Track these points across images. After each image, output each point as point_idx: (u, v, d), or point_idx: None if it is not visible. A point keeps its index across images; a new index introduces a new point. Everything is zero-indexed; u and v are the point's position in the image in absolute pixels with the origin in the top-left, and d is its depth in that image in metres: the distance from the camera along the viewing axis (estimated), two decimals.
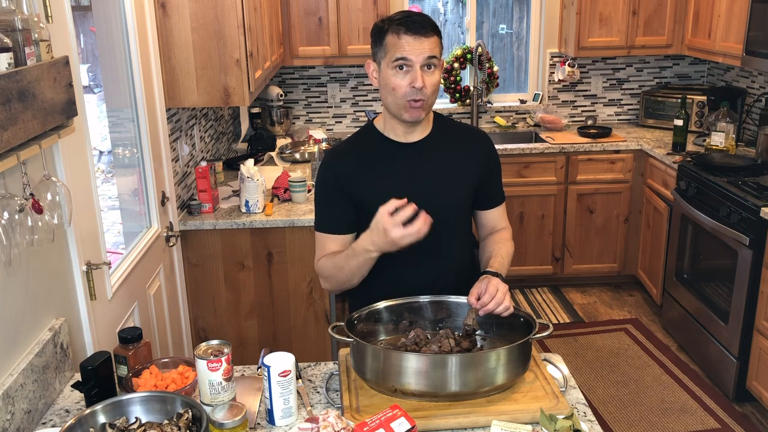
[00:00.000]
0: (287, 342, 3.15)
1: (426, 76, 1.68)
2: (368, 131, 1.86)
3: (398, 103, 1.71)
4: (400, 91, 1.69)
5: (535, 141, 4.59)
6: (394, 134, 1.82)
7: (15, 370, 1.51)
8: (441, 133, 1.86)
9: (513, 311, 1.66)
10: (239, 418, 1.37)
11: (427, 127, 1.84)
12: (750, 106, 4.18)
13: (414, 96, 1.68)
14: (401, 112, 1.72)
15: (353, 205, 1.82)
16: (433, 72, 1.70)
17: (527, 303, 4.39)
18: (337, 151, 1.87)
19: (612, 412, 3.24)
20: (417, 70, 1.66)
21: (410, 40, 1.65)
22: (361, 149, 1.85)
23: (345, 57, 4.25)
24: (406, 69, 1.67)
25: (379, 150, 1.82)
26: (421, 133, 1.82)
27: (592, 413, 1.54)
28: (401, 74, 1.68)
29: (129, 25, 2.47)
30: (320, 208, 1.87)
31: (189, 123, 3.24)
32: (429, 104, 1.72)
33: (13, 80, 1.38)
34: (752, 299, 3.09)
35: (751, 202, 3.06)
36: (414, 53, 1.65)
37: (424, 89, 1.68)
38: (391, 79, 1.69)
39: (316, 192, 1.87)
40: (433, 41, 1.68)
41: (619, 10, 4.32)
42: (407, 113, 1.72)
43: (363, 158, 1.83)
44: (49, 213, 1.59)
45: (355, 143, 1.88)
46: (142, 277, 2.49)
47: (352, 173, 1.80)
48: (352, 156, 1.84)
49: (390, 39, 1.68)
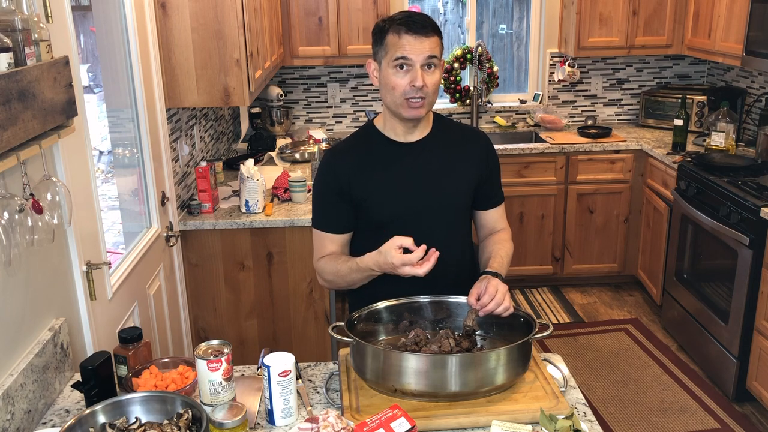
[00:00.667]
0: (287, 342, 3.15)
1: (426, 75, 1.69)
2: (368, 131, 1.87)
3: (397, 102, 1.72)
4: (399, 90, 1.70)
5: (535, 141, 4.59)
6: (394, 134, 1.82)
7: (15, 370, 1.51)
8: (440, 133, 1.86)
9: (513, 311, 1.66)
10: (239, 418, 1.37)
11: (427, 127, 1.84)
12: (750, 106, 4.18)
13: (413, 94, 1.69)
14: (400, 111, 1.73)
15: (352, 205, 1.82)
16: (434, 71, 1.70)
17: (527, 303, 4.39)
18: (337, 150, 1.87)
19: (612, 412, 3.24)
20: (417, 69, 1.67)
21: (411, 40, 1.66)
22: (361, 149, 1.85)
23: (345, 57, 4.25)
24: (407, 68, 1.68)
25: (378, 149, 1.83)
26: (420, 133, 1.83)
27: (592, 413, 1.54)
28: (401, 73, 1.69)
29: (129, 25, 2.47)
30: (318, 207, 1.88)
31: (189, 123, 3.24)
32: (429, 103, 1.73)
33: (13, 80, 1.38)
34: (752, 299, 3.09)
35: (751, 202, 3.06)
36: (414, 53, 1.66)
37: (425, 88, 1.69)
38: (392, 78, 1.70)
39: (315, 190, 1.88)
40: (433, 41, 1.69)
41: (619, 10, 4.32)
42: (406, 111, 1.72)
43: (363, 158, 1.83)
44: (49, 213, 1.59)
45: (355, 143, 1.88)
46: (142, 277, 2.49)
47: (352, 173, 1.80)
48: (352, 155, 1.84)
49: (391, 38, 1.69)
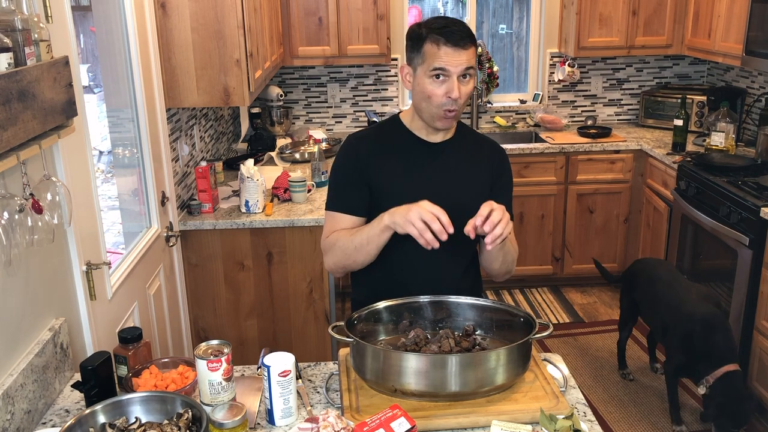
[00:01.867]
0: (287, 342, 3.15)
1: (462, 86, 1.70)
2: (394, 123, 1.88)
3: (432, 112, 1.73)
4: (436, 101, 1.70)
5: (535, 141, 4.59)
6: (419, 132, 1.84)
7: (15, 370, 1.51)
8: (462, 139, 1.88)
9: (503, 239, 1.61)
10: (239, 418, 1.37)
11: (451, 130, 1.86)
12: (750, 106, 4.18)
13: (449, 106, 1.70)
14: (434, 120, 1.75)
15: (369, 190, 1.83)
16: (468, 81, 1.72)
17: (527, 303, 4.39)
18: (361, 135, 1.89)
19: (612, 412, 3.25)
20: (454, 81, 1.68)
21: (449, 51, 1.66)
22: (385, 138, 1.87)
23: (345, 57, 4.25)
24: (443, 78, 1.69)
25: (401, 142, 1.84)
26: (444, 136, 1.85)
27: (592, 413, 1.54)
28: (438, 83, 1.69)
29: (129, 25, 2.47)
30: (336, 187, 1.87)
31: (189, 123, 3.24)
32: (460, 112, 1.75)
33: (13, 80, 1.38)
34: (752, 299, 3.09)
35: (751, 202, 3.06)
36: (453, 64, 1.67)
37: (459, 99, 1.70)
38: (428, 87, 1.70)
39: (334, 172, 1.88)
40: (470, 52, 1.69)
41: (619, 10, 4.32)
42: (440, 122, 1.75)
43: (385, 146, 1.85)
44: (49, 213, 1.59)
45: (380, 132, 1.90)
46: (142, 277, 2.49)
47: (373, 157, 1.82)
48: (375, 141, 1.86)
49: (428, 47, 1.68)
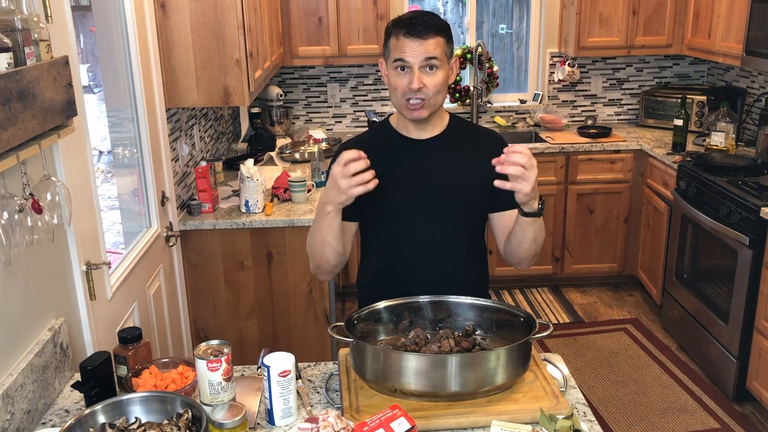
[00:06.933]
0: (287, 342, 3.15)
1: (426, 76, 1.70)
2: (383, 127, 1.91)
3: (399, 103, 1.76)
4: (399, 91, 1.73)
5: (535, 141, 4.59)
6: (406, 130, 1.85)
7: (15, 370, 1.51)
8: (455, 133, 1.88)
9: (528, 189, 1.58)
10: (239, 418, 1.36)
11: (440, 125, 1.86)
12: (750, 106, 4.18)
13: (412, 97, 1.71)
14: (403, 111, 1.77)
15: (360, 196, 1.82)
16: (435, 73, 1.71)
17: (527, 303, 4.39)
18: (352, 142, 1.91)
19: (612, 412, 3.24)
20: (415, 72, 1.69)
21: (408, 42, 1.68)
22: (375, 143, 1.88)
23: (345, 57, 4.25)
24: (406, 70, 1.70)
25: (390, 144, 1.86)
26: (432, 131, 1.85)
27: (592, 413, 1.54)
28: (401, 75, 1.71)
29: (129, 25, 2.47)
30: None
31: (189, 123, 3.24)
32: (432, 104, 1.74)
33: (12, 80, 1.38)
34: (752, 299, 3.09)
35: (751, 202, 3.06)
36: (411, 55, 1.68)
37: (424, 89, 1.70)
38: (393, 79, 1.74)
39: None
40: (433, 42, 1.69)
41: (619, 10, 4.32)
42: (407, 113, 1.76)
43: (374, 149, 1.84)
44: (49, 213, 1.59)
45: (370, 138, 1.95)
46: (142, 277, 2.49)
47: None
48: (365, 146, 1.86)
49: (392, 41, 1.72)
